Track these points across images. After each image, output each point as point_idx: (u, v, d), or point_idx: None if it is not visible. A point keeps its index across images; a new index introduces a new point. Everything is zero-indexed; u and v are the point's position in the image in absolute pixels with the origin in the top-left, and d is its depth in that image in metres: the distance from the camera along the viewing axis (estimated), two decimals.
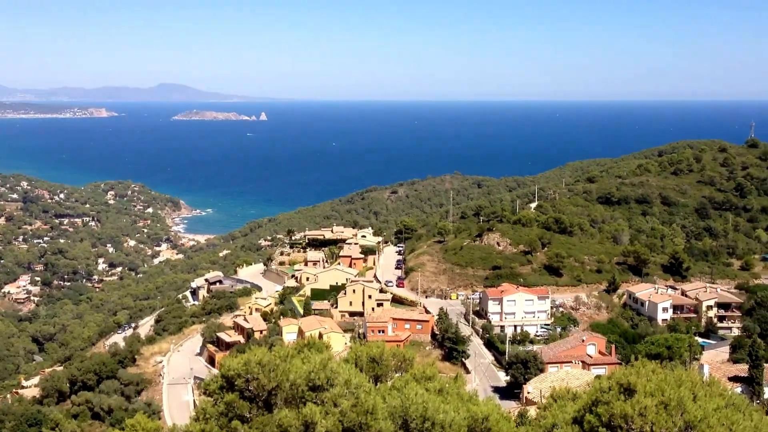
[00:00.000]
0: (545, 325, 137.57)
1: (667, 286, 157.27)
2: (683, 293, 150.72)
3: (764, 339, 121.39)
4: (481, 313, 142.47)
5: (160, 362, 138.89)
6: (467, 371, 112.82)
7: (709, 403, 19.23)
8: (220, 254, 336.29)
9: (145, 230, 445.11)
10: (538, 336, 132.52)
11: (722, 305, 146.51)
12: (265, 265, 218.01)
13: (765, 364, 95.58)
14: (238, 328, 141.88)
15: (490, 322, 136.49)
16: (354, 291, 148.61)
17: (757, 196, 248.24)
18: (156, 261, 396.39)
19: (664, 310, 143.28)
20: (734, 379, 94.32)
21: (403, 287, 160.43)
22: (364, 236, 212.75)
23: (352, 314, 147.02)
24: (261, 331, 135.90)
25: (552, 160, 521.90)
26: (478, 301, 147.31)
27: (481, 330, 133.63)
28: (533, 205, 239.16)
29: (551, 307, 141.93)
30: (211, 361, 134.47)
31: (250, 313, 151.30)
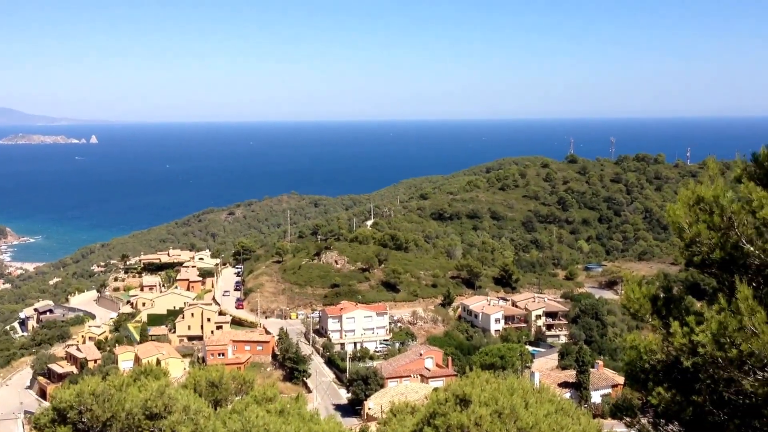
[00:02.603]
0: (384, 340, 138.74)
1: (498, 297, 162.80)
2: (514, 304, 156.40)
3: (589, 345, 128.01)
4: (322, 332, 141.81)
5: None
6: (309, 390, 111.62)
7: (539, 409, 19.32)
8: (51, 282, 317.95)
9: None
10: (377, 352, 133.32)
11: (550, 314, 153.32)
12: (98, 291, 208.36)
13: (591, 369, 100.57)
14: (70, 358, 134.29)
15: (330, 340, 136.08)
16: (192, 315, 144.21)
17: (578, 208, 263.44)
18: None
19: (497, 321, 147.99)
20: (563, 384, 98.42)
21: (242, 309, 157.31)
22: (201, 259, 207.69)
23: (191, 338, 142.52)
24: (95, 361, 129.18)
25: (386, 177, 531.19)
26: (318, 319, 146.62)
27: (321, 348, 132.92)
28: (369, 222, 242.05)
29: (390, 323, 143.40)
30: (43, 394, 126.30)
31: (84, 342, 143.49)
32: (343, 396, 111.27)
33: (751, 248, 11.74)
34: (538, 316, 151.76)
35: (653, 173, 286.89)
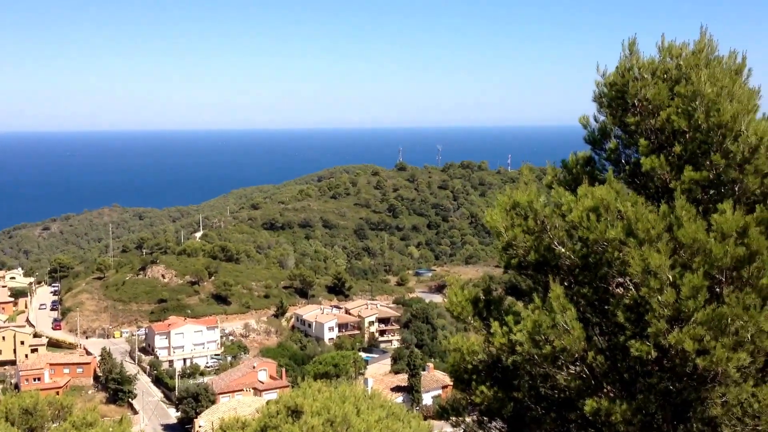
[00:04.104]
0: (215, 355, 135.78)
1: (332, 305, 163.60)
2: (347, 311, 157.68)
3: (421, 348, 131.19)
4: (149, 350, 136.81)
5: None
6: (135, 412, 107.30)
7: (371, 415, 19.49)
8: None
9: None
10: (208, 367, 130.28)
11: (383, 320, 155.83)
12: None
13: (422, 372, 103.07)
14: None
15: (157, 357, 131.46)
16: (3, 338, 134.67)
17: (407, 215, 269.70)
18: None
19: (330, 329, 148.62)
20: (396, 388, 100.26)
21: (60, 329, 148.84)
22: (13, 278, 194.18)
23: (2, 363, 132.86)
24: None
25: (216, 188, 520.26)
26: (144, 337, 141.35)
27: (148, 367, 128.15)
28: (198, 234, 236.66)
29: (221, 337, 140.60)
30: None
31: None
32: (173, 415, 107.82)
33: (563, 250, 12.33)
34: (371, 323, 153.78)
35: (477, 180, 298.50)
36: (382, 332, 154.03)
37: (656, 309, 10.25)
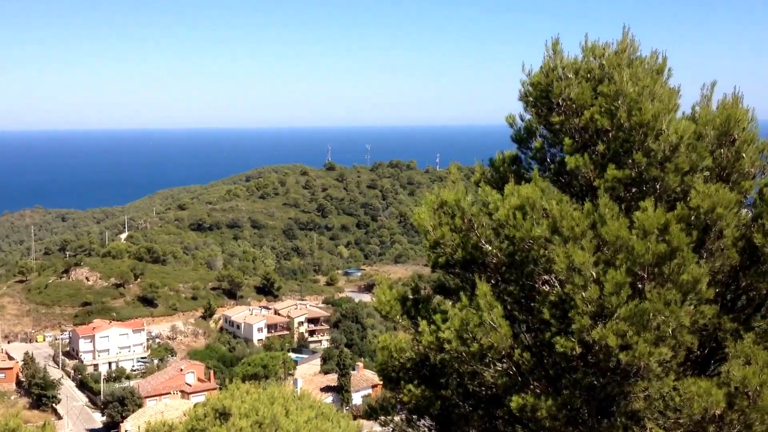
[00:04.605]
0: (142, 358, 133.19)
1: (261, 306, 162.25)
2: (276, 312, 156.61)
3: (350, 348, 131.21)
4: (73, 354, 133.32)
5: None
6: (59, 417, 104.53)
7: (300, 416, 19.32)
8: None
9: None
10: (134, 370, 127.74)
11: (312, 320, 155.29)
12: None
13: (352, 372, 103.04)
14: None
15: (82, 361, 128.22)
16: None
17: (337, 215, 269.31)
18: None
19: (259, 330, 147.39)
20: (326, 388, 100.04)
21: None
22: None
23: None
24: None
25: (141, 188, 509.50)
26: (68, 341, 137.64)
27: (72, 371, 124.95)
28: (124, 235, 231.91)
29: (148, 339, 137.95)
30: None
31: None
32: (98, 420, 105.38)
33: (490, 248, 12.40)
34: (301, 323, 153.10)
35: (406, 179, 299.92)
36: (311, 332, 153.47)
37: (580, 305, 10.38)
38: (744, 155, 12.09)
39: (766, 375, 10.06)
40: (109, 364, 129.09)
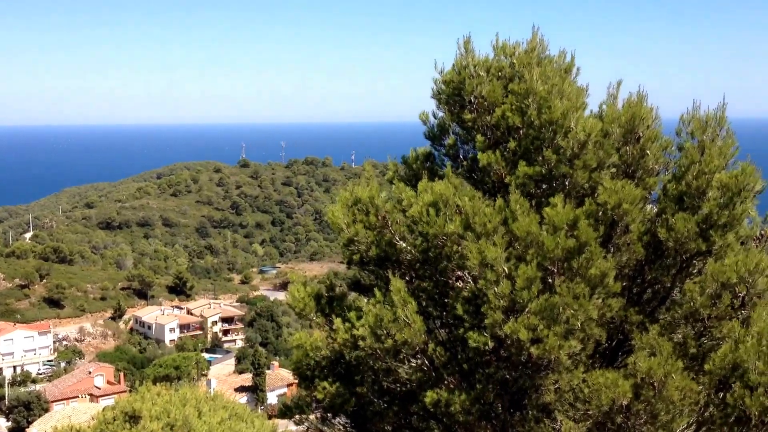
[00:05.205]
0: (48, 361, 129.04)
1: (173, 306, 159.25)
2: (189, 312, 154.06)
3: (265, 347, 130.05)
4: None
5: None
6: None
7: (213, 417, 19.00)
8: None
9: None
10: (41, 374, 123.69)
11: (226, 319, 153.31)
12: None
13: (267, 371, 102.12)
14: None
15: None
16: None
17: (251, 212, 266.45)
18: None
19: (172, 330, 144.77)
20: (240, 389, 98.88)
21: None
22: None
23: None
24: None
25: (46, 186, 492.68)
26: None
27: None
28: (28, 235, 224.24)
29: (54, 342, 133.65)
30: None
31: None
32: (2, 425, 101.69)
33: (404, 244, 12.44)
34: (215, 323, 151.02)
35: (322, 176, 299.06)
36: (225, 332, 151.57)
37: (492, 300, 10.50)
38: (648, 152, 12.46)
39: (670, 365, 10.37)
40: (14, 368, 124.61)
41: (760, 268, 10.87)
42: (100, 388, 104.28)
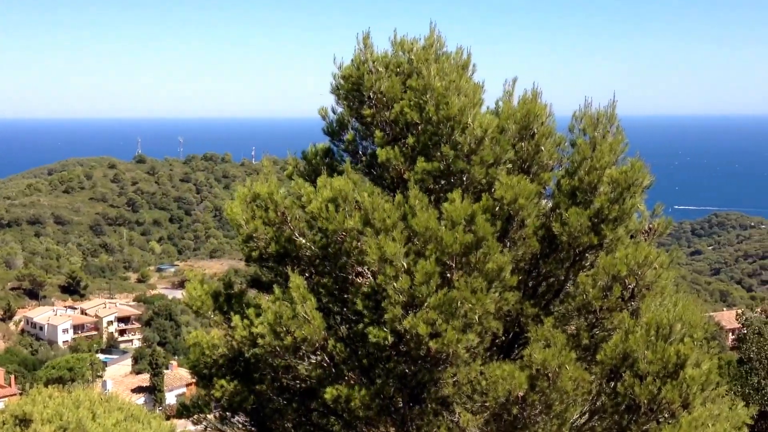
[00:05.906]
0: None
1: (66, 306, 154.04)
2: (83, 312, 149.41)
3: (164, 346, 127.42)
4: None
5: None
6: None
7: (108, 419, 18.53)
8: None
9: None
10: None
11: (122, 319, 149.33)
12: None
13: (165, 371, 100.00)
14: None
15: None
16: None
17: (148, 209, 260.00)
18: None
19: (65, 331, 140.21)
20: (138, 389, 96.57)
21: None
22: None
23: None
24: None
25: None
26: None
27: None
28: None
29: None
30: None
31: None
32: None
33: (303, 241, 12.37)
34: (110, 323, 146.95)
35: (221, 172, 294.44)
36: (122, 332, 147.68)
37: (392, 296, 10.54)
38: (543, 148, 12.76)
39: (564, 356, 10.66)
40: None
41: (648, 260, 11.30)
42: None
